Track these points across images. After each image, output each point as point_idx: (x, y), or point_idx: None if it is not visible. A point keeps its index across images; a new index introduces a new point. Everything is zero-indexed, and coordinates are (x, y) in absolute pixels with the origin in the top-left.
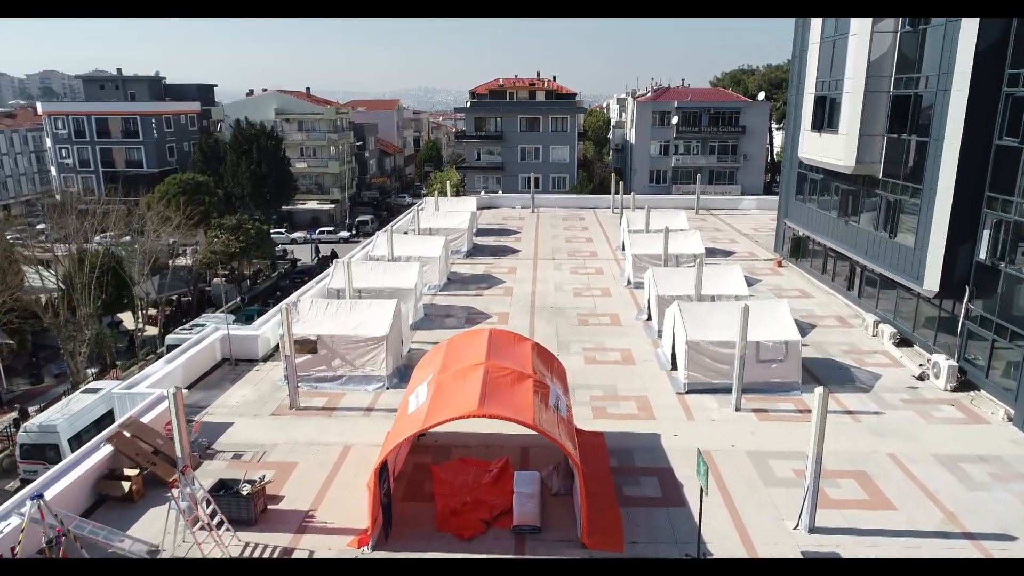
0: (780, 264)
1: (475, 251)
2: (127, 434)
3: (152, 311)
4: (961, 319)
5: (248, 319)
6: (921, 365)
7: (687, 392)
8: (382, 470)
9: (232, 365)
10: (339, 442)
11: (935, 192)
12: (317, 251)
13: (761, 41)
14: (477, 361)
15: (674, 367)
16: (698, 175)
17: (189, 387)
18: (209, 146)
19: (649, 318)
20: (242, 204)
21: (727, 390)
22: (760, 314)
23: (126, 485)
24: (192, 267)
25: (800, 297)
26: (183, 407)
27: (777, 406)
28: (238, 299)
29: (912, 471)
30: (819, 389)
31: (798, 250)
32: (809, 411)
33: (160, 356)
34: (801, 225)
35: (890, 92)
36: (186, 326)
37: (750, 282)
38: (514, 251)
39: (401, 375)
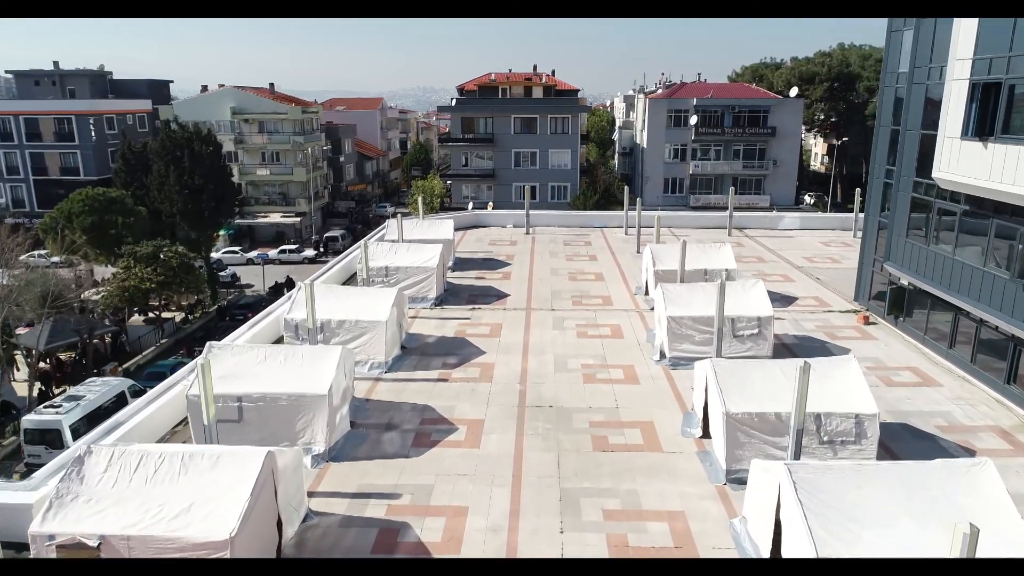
0: (867, 320)
1: (448, 296)
2: None
3: (42, 365)
4: None
5: (159, 378)
6: None
7: None
8: None
9: None
10: None
11: None
12: (288, 277)
13: (772, 35)
14: None
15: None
16: (731, 188)
17: None
18: (135, 153)
19: (706, 434)
20: (173, 223)
21: None
22: (943, 488)
23: None
24: (98, 307)
25: (918, 384)
26: None
27: None
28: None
29: None
30: None
31: (901, 305)
32: None
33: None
34: (916, 275)
35: None
36: (56, 400)
37: (831, 349)
38: (501, 295)
39: None
